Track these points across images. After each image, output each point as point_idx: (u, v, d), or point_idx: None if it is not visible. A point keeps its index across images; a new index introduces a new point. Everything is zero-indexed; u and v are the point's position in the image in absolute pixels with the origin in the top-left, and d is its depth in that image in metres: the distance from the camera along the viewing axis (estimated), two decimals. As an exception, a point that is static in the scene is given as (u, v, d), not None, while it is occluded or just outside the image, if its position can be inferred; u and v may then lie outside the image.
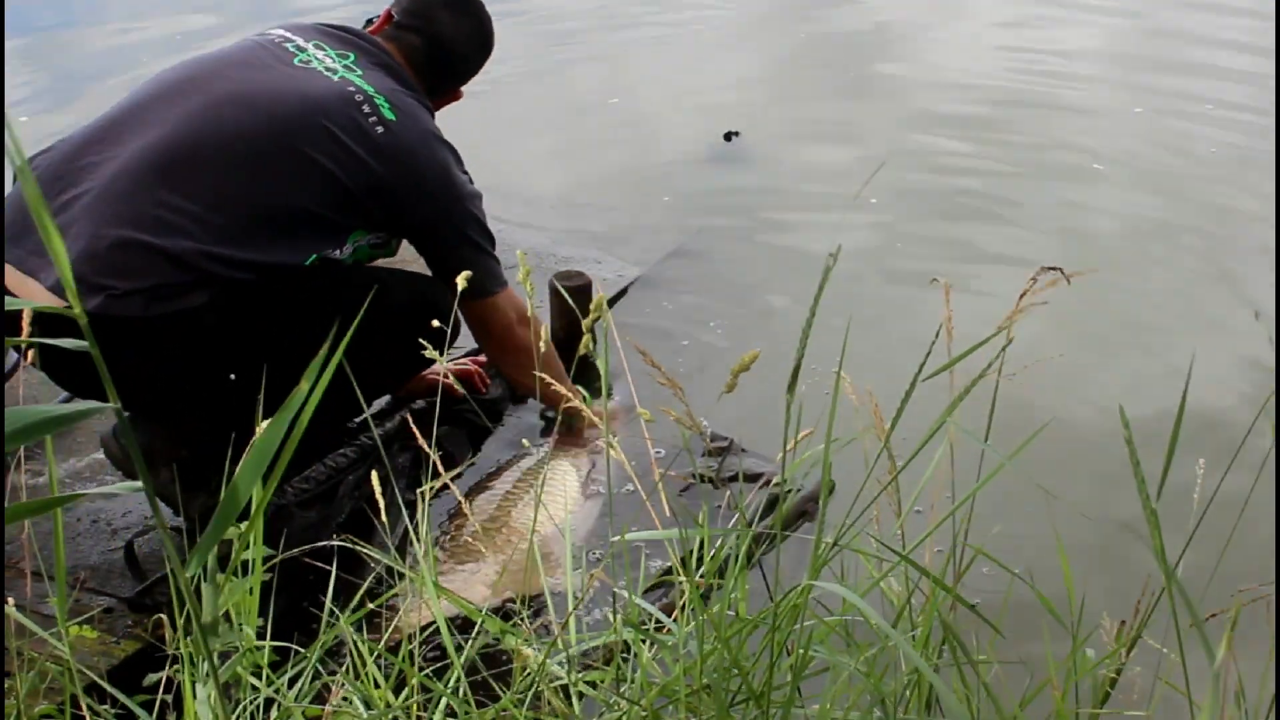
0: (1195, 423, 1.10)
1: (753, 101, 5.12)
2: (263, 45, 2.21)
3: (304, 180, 2.05)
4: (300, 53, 2.19)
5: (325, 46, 2.22)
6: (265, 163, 2.03)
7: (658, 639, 1.28)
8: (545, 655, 1.26)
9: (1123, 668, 1.20)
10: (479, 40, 2.43)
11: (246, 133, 2.04)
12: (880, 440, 1.22)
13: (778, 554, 1.21)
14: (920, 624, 1.26)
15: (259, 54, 2.18)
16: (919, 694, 1.24)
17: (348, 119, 2.09)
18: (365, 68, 2.21)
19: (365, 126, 2.10)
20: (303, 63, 2.17)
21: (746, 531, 1.34)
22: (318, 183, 2.05)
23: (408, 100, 2.21)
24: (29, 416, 0.78)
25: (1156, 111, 4.88)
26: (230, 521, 0.87)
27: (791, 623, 1.18)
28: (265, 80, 2.11)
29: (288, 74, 2.13)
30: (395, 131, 2.13)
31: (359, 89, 2.14)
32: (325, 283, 2.09)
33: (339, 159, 2.07)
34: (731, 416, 2.64)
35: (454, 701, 1.30)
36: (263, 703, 1.29)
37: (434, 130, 2.24)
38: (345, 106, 2.10)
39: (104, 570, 2.23)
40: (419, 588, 1.36)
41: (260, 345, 2.05)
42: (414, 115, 2.20)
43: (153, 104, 2.10)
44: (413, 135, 2.17)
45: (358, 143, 2.09)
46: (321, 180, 2.06)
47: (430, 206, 2.21)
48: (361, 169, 2.09)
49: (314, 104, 2.08)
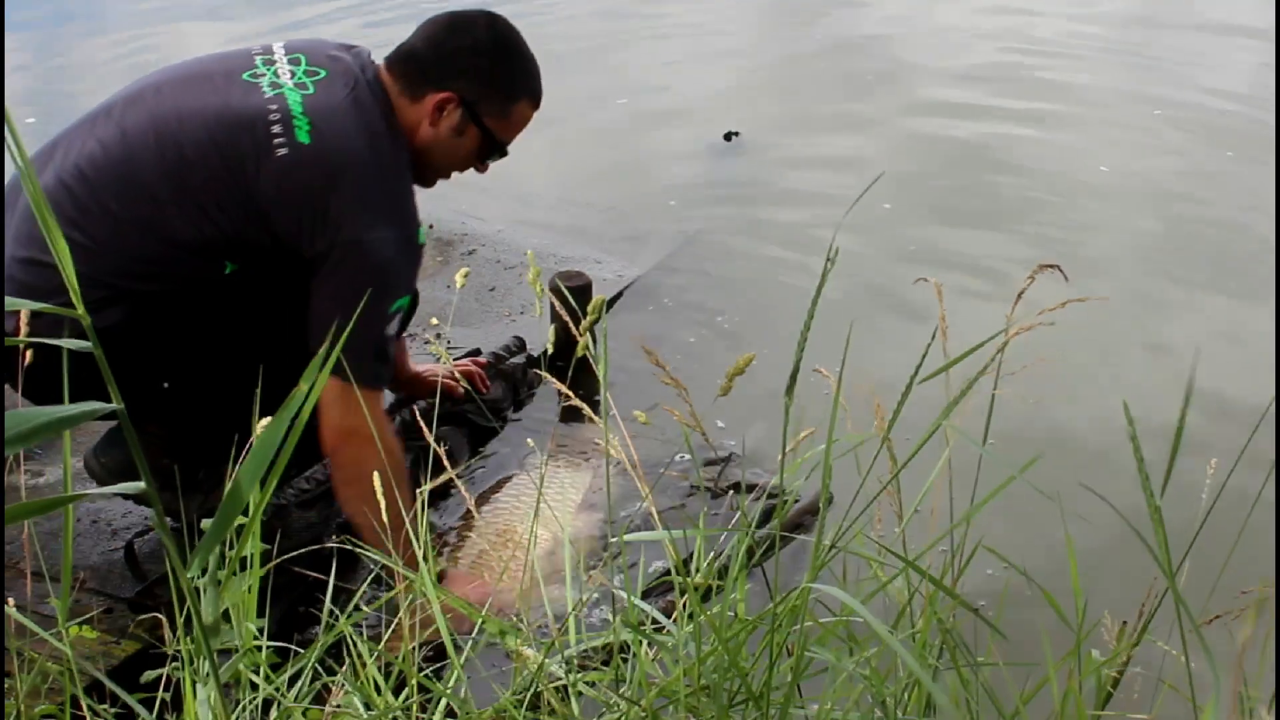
0: (1202, 424, 1.10)
1: (752, 101, 5.12)
2: (229, 57, 2.09)
3: (191, 213, 1.94)
4: (260, 67, 2.03)
5: (302, 61, 2.04)
6: (158, 192, 1.94)
7: (657, 640, 1.28)
8: (544, 655, 1.26)
9: (1125, 669, 1.20)
10: (470, 45, 2.07)
11: (150, 161, 1.95)
12: (883, 442, 1.22)
13: (776, 557, 1.21)
14: (921, 626, 1.26)
15: (217, 66, 2.06)
16: (919, 695, 1.24)
17: (248, 142, 1.93)
18: (326, 86, 2.00)
19: (265, 148, 1.92)
20: (251, 77, 2.00)
21: (746, 532, 1.33)
22: (201, 215, 1.95)
23: (347, 123, 1.97)
24: (33, 419, 0.77)
25: (1165, 112, 4.88)
26: (231, 522, 0.87)
27: (790, 624, 1.18)
28: (191, 100, 1.99)
29: (222, 91, 1.99)
30: (299, 154, 1.92)
31: (283, 108, 1.95)
32: (248, 288, 2.02)
33: (220, 191, 1.93)
34: (732, 417, 2.65)
35: (454, 702, 1.29)
36: (261, 703, 1.29)
37: (361, 164, 1.95)
38: (248, 130, 1.93)
39: (104, 570, 2.23)
40: (419, 589, 1.36)
41: (192, 351, 2.05)
42: (339, 144, 1.95)
43: (105, 112, 2.05)
44: (322, 160, 1.93)
45: (248, 166, 1.92)
46: (205, 212, 1.94)
47: (319, 244, 1.94)
48: (240, 197, 1.93)
49: (218, 127, 1.94)
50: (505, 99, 2.09)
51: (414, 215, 2.03)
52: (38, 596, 2.02)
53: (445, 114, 2.05)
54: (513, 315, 3.28)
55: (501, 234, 3.74)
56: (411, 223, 2.01)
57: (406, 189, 2.04)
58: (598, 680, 1.33)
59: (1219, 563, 1.25)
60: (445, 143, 2.08)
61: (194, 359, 2.07)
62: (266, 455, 0.85)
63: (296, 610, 2.03)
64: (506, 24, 2.11)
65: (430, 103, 2.04)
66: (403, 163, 2.04)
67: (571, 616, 1.43)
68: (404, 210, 2.00)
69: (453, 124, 2.06)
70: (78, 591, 2.15)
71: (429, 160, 2.10)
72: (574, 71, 5.53)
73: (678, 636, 1.25)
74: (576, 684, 1.28)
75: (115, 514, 2.39)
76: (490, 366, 2.82)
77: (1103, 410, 2.71)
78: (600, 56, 5.80)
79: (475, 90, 2.06)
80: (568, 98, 5.34)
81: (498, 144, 2.12)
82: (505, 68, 2.09)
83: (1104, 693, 1.22)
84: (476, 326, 3.19)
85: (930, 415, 1.14)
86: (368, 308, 1.85)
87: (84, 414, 0.79)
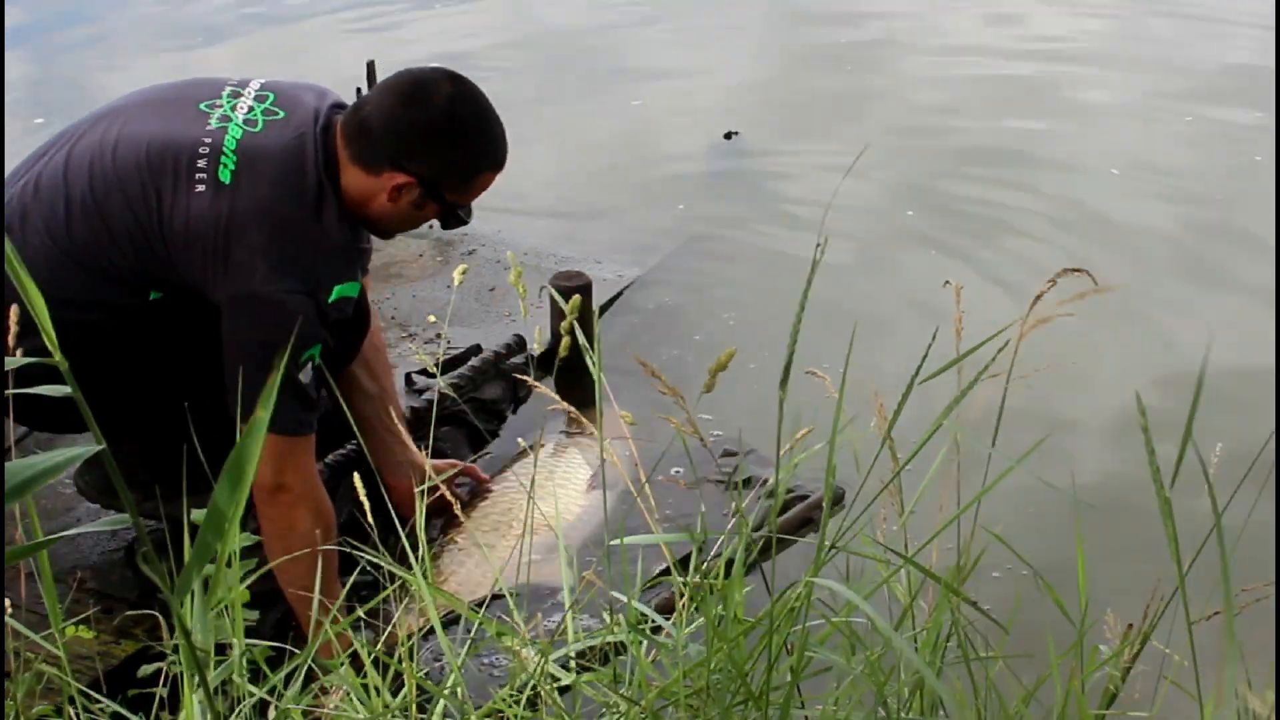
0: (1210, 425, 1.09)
1: (752, 101, 5.11)
2: (201, 84, 2.06)
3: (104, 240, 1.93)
4: (224, 99, 2.00)
5: (269, 99, 2.00)
6: (89, 218, 1.94)
7: (656, 640, 1.28)
8: (545, 656, 1.26)
9: (1131, 666, 1.19)
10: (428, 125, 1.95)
11: (81, 186, 1.94)
12: (884, 440, 1.21)
13: (773, 559, 1.20)
14: (926, 624, 1.25)
15: (184, 92, 2.04)
16: (922, 695, 1.23)
17: (170, 171, 1.90)
18: (275, 129, 1.96)
19: (184, 181, 1.89)
20: (207, 107, 1.98)
21: (745, 533, 1.33)
22: (111, 243, 1.93)
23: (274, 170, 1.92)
24: (28, 470, 0.84)
25: (1172, 109, 4.86)
26: (213, 546, 0.88)
27: (789, 624, 1.18)
28: (137, 127, 1.97)
29: (168, 119, 1.98)
30: (214, 194, 1.88)
31: (216, 143, 1.92)
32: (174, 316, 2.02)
33: (130, 220, 1.92)
34: (732, 418, 2.64)
35: (450, 702, 1.29)
36: (259, 704, 1.28)
37: (271, 219, 1.89)
38: (173, 159, 1.91)
39: (104, 570, 2.23)
40: (414, 589, 1.35)
41: (149, 372, 2.04)
42: (256, 191, 1.90)
43: (80, 130, 2.04)
44: (232, 208, 1.88)
45: (165, 196, 1.90)
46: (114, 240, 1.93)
47: (220, 292, 1.90)
48: (148, 227, 1.91)
49: (148, 154, 1.93)
50: (467, 175, 2.02)
51: (325, 276, 1.94)
52: (35, 597, 2.01)
53: (404, 193, 1.98)
54: (512, 315, 3.28)
55: (501, 234, 3.74)
56: (319, 283, 1.93)
57: (322, 249, 1.95)
58: (596, 680, 1.32)
59: (1220, 562, 1.24)
60: (405, 215, 2.03)
61: (152, 378, 2.06)
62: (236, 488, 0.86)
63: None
64: (467, 89, 1.99)
65: (388, 182, 1.96)
66: (325, 223, 1.95)
67: (569, 616, 1.42)
68: (311, 269, 1.93)
69: (412, 200, 1.99)
70: (77, 591, 2.15)
71: (384, 225, 2.06)
72: (574, 71, 5.53)
73: (677, 637, 1.25)
74: (577, 684, 1.28)
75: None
76: (490, 366, 2.82)
77: (1109, 410, 2.72)
78: (600, 56, 5.79)
79: (434, 171, 1.97)
80: (568, 98, 5.34)
81: (458, 212, 2.06)
82: (465, 146, 1.99)
83: (1109, 695, 1.21)
84: (476, 326, 3.18)
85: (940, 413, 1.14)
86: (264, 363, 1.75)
87: (72, 458, 0.85)
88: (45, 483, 0.83)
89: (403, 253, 3.57)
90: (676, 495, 2.18)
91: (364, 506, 1.47)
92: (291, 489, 1.94)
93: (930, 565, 1.24)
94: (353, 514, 2.35)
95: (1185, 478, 1.01)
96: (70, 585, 2.15)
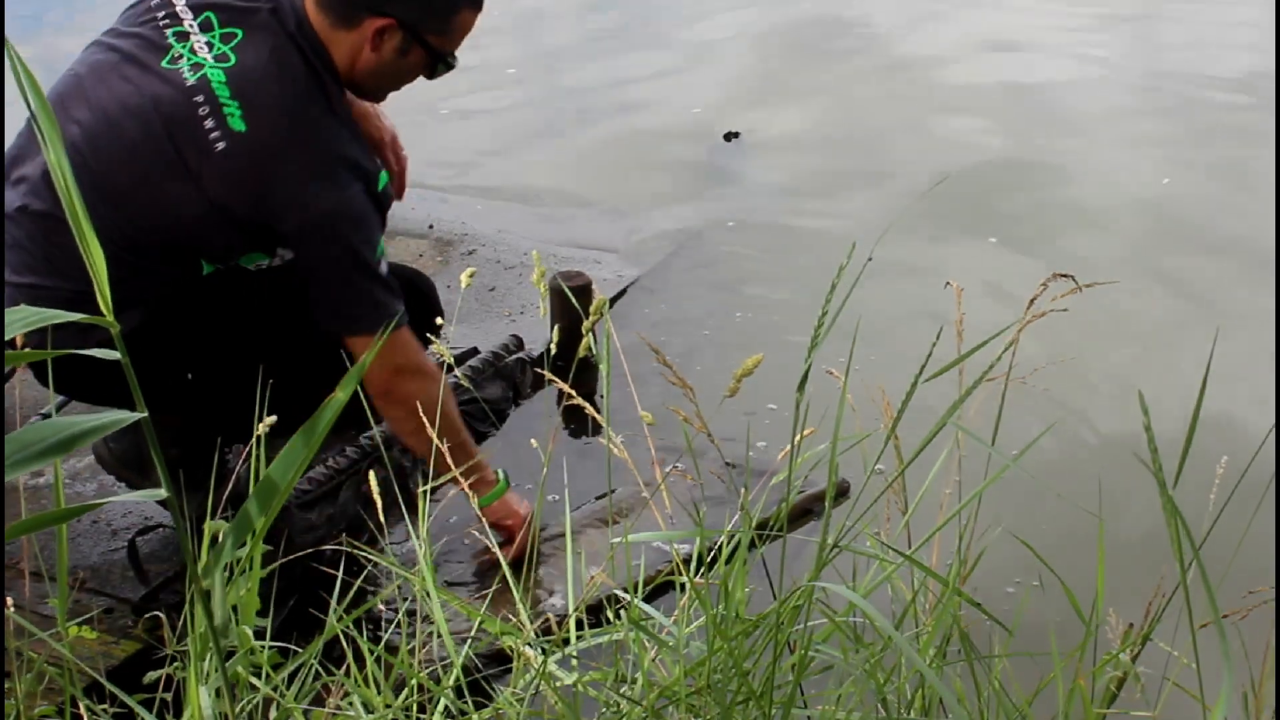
0: (1213, 427, 1.09)
1: (754, 102, 5.11)
2: (140, 38, 1.98)
3: (162, 211, 1.92)
4: (175, 44, 1.95)
5: (214, 25, 1.96)
6: (127, 196, 1.91)
7: (660, 640, 1.28)
8: (546, 657, 1.26)
9: (1134, 664, 1.20)
10: None
11: (113, 163, 1.92)
12: (890, 441, 1.22)
13: (783, 557, 1.20)
14: (928, 623, 1.25)
15: (131, 52, 1.98)
16: (923, 694, 1.23)
17: (188, 138, 1.89)
18: (246, 52, 1.94)
19: (204, 144, 1.89)
20: (171, 60, 1.94)
21: (749, 531, 1.33)
22: (173, 213, 1.93)
23: (275, 94, 1.92)
24: (74, 428, 0.79)
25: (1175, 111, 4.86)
26: (250, 528, 0.87)
27: (793, 623, 1.18)
28: (114, 106, 1.93)
29: (144, 87, 1.93)
30: (239, 146, 1.89)
31: (209, 95, 1.90)
32: (234, 288, 2.05)
33: (184, 187, 1.91)
34: (733, 418, 2.64)
35: (451, 703, 1.29)
36: (261, 702, 1.29)
37: (299, 139, 1.93)
38: (186, 124, 1.89)
39: (104, 570, 2.23)
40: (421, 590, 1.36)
41: (198, 349, 2.07)
42: (273, 123, 1.91)
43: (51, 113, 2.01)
44: (261, 148, 1.90)
45: (191, 166, 1.90)
46: (177, 209, 1.92)
47: (284, 226, 1.95)
48: (205, 192, 1.91)
49: (162, 122, 1.90)
50: (445, 14, 2.01)
51: (365, 164, 1.99)
52: (37, 597, 2.01)
53: (386, 38, 1.98)
54: (513, 315, 3.28)
55: (501, 234, 3.74)
56: (366, 173, 1.98)
57: (349, 142, 1.99)
58: (598, 680, 1.32)
59: (1222, 563, 1.25)
60: (389, 65, 2.02)
61: (210, 355, 2.08)
62: (296, 455, 0.85)
63: (297, 613, 2.03)
64: None
65: (369, 29, 1.96)
66: (340, 114, 1.99)
67: (572, 617, 1.42)
68: (354, 164, 1.97)
69: (395, 46, 2.00)
70: (78, 591, 2.15)
71: (373, 83, 2.06)
72: (574, 71, 5.53)
73: (679, 636, 1.25)
74: (580, 684, 1.28)
75: (115, 514, 2.39)
76: (489, 365, 2.82)
77: (1113, 409, 2.72)
78: (600, 56, 5.79)
79: (413, 13, 1.97)
80: (568, 97, 5.34)
81: (441, 56, 2.06)
82: None
83: (1109, 693, 1.21)
84: (476, 326, 3.18)
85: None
86: (357, 266, 1.95)
87: (117, 421, 0.80)
88: (88, 441, 0.80)
89: (403, 253, 3.57)
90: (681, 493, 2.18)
91: (376, 506, 1.48)
92: (404, 371, 2.03)
93: (931, 563, 1.24)
94: (359, 512, 2.37)
95: (1187, 480, 1.01)
96: (75, 584, 2.15)
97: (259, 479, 0.90)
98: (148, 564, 2.17)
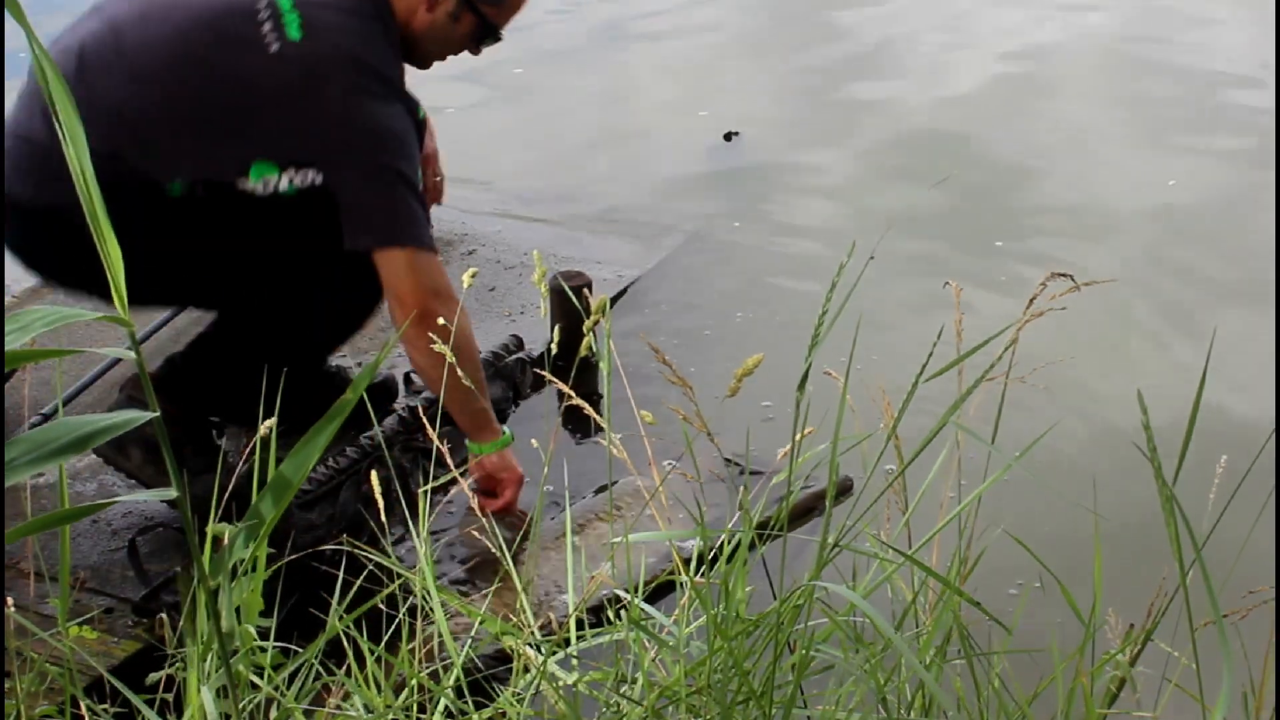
0: (1213, 429, 1.09)
1: (754, 102, 5.11)
2: None
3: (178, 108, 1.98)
4: None
5: None
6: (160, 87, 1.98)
7: (660, 640, 1.28)
8: (547, 656, 1.26)
9: (1135, 665, 1.20)
10: None
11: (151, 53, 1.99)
12: (890, 441, 1.22)
13: (783, 558, 1.20)
14: (928, 622, 1.25)
15: None
16: (924, 694, 1.23)
17: (235, 38, 1.95)
18: None
19: (257, 44, 1.94)
20: None
21: (749, 531, 1.33)
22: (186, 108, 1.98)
23: (342, 22, 1.99)
24: (86, 426, 0.79)
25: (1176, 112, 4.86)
26: (257, 531, 0.87)
27: (793, 623, 1.18)
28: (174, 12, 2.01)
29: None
30: (293, 51, 1.94)
31: (271, 4, 1.97)
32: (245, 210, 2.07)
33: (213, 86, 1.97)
34: (733, 418, 2.64)
35: (451, 703, 1.29)
36: (263, 702, 1.29)
37: (353, 56, 1.99)
38: (240, 23, 1.95)
39: (104, 570, 2.22)
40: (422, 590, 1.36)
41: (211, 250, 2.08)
42: (331, 38, 1.97)
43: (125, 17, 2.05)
44: (315, 57, 1.95)
45: (243, 62, 1.96)
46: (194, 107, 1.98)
47: (327, 137, 1.99)
48: (242, 91, 1.97)
49: (210, 22, 1.98)
50: None
51: (410, 96, 2.07)
52: (38, 596, 2.01)
53: (440, 1, 2.06)
54: (513, 315, 3.27)
55: (501, 234, 3.74)
56: (409, 101, 2.06)
57: (399, 75, 2.06)
58: (599, 680, 1.32)
59: (1222, 562, 1.25)
60: (440, 28, 2.09)
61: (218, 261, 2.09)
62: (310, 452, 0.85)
63: (296, 613, 2.02)
64: None
65: None
66: (395, 50, 2.06)
67: (573, 618, 1.42)
68: (402, 89, 2.05)
69: (448, 9, 2.07)
70: (78, 591, 2.14)
71: (424, 46, 2.13)
72: (574, 71, 5.52)
73: (679, 636, 1.25)
74: (579, 684, 1.28)
75: (115, 513, 2.39)
76: (489, 365, 2.81)
77: (1114, 408, 2.72)
78: (600, 56, 5.79)
79: None
80: (568, 97, 5.33)
81: (492, 28, 2.13)
82: None
83: (1110, 695, 1.21)
84: (476, 326, 3.17)
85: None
86: (401, 179, 1.97)
87: (125, 423, 0.80)
88: (100, 441, 0.79)
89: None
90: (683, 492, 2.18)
91: (378, 506, 1.48)
92: (441, 295, 2.03)
93: (932, 563, 1.24)
94: (360, 511, 2.37)
95: (1188, 481, 1.01)
96: (76, 584, 2.15)
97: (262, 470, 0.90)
98: (148, 564, 2.17)
